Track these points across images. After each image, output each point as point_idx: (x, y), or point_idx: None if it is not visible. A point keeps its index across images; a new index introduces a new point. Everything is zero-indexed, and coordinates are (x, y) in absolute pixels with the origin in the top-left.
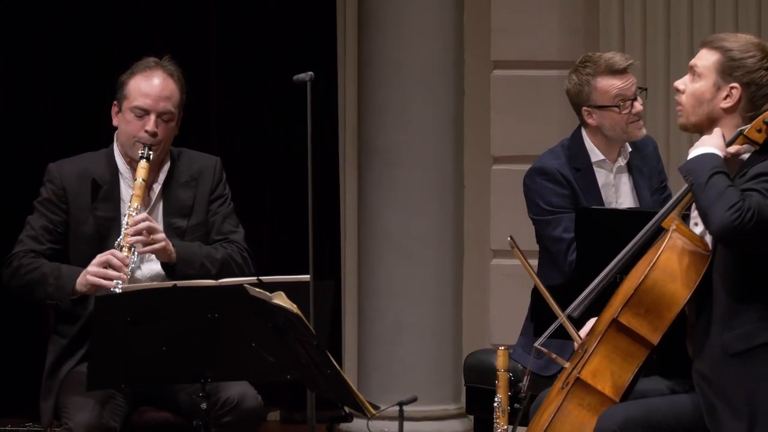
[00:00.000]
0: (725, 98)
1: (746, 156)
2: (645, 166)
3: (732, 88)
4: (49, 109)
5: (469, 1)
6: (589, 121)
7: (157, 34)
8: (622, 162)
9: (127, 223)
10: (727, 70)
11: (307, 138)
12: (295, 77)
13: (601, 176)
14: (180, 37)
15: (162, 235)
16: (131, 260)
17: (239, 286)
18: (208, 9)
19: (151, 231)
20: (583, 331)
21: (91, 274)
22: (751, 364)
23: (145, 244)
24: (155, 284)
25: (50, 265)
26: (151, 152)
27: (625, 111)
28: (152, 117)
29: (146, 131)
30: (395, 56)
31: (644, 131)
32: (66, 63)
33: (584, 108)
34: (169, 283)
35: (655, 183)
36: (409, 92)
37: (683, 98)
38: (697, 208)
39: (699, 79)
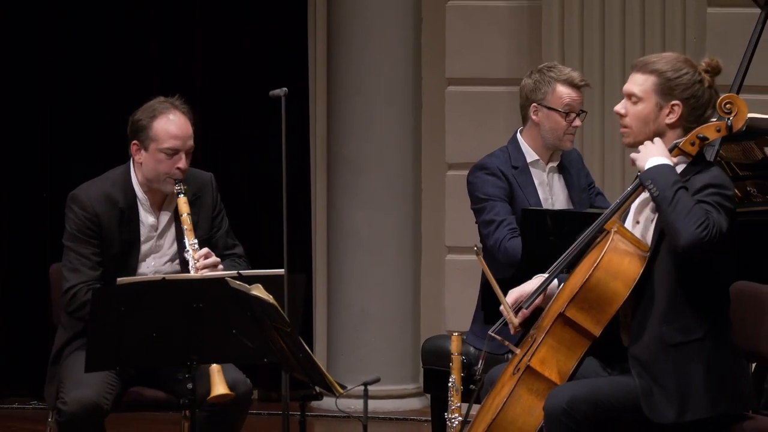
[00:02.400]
0: (668, 114)
1: (681, 166)
2: (573, 169)
3: (674, 105)
4: (49, 121)
5: (426, 25)
6: (534, 117)
7: (147, 54)
8: (554, 164)
9: (193, 257)
10: (666, 90)
11: (282, 146)
12: (271, 92)
13: (536, 175)
14: (168, 56)
15: (221, 264)
16: None
17: (221, 279)
18: (192, 32)
19: (214, 264)
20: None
21: None
22: (686, 355)
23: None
24: (146, 277)
25: None
26: (184, 186)
27: (568, 122)
28: (183, 155)
29: (179, 168)
30: (360, 74)
31: (572, 145)
32: (65, 81)
33: (534, 104)
34: (158, 277)
35: (582, 183)
36: (373, 106)
37: (627, 121)
38: (663, 220)
39: (640, 102)
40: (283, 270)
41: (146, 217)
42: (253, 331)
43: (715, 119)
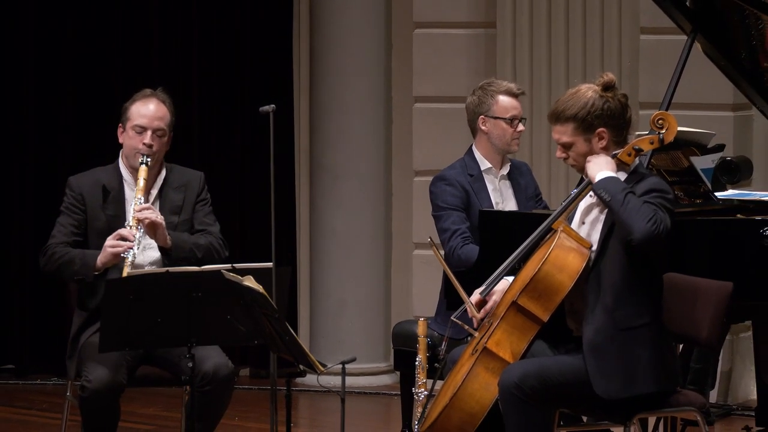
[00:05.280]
0: (599, 141)
1: (623, 175)
2: (522, 179)
3: (599, 132)
4: (69, 130)
5: (395, 50)
6: (483, 128)
7: (152, 79)
8: (504, 172)
9: (134, 209)
10: (586, 127)
11: (270, 156)
12: (261, 108)
13: (490, 181)
14: (168, 75)
15: (162, 221)
16: (137, 235)
17: (217, 272)
18: (190, 56)
19: (150, 214)
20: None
21: (108, 246)
22: (634, 338)
23: (149, 225)
24: (153, 270)
25: (76, 250)
26: (148, 159)
27: (513, 128)
28: (149, 132)
29: (144, 143)
30: (339, 92)
31: (517, 148)
32: (80, 95)
33: (482, 116)
34: (163, 270)
35: (530, 193)
36: (350, 120)
37: (571, 160)
38: (617, 219)
39: (573, 146)
40: (271, 263)
41: (131, 196)
42: (245, 317)
43: (647, 133)
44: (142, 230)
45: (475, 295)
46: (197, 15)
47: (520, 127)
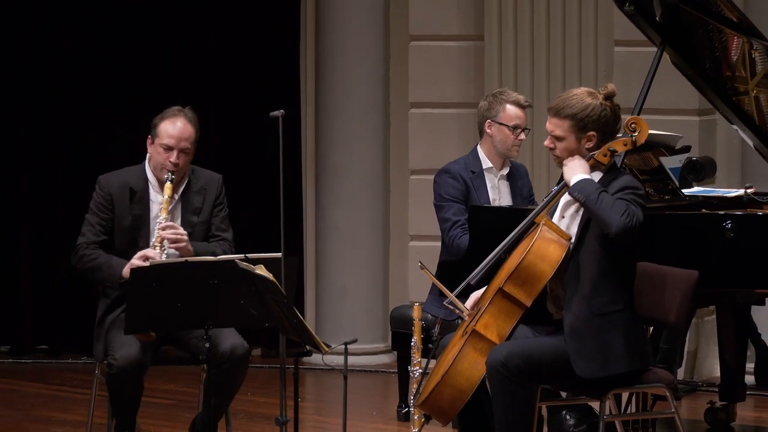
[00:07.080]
0: (587, 143)
1: (598, 175)
2: (519, 181)
3: (590, 135)
4: (96, 131)
5: (393, 60)
6: (488, 131)
7: (171, 83)
8: (504, 172)
9: (158, 228)
10: (581, 126)
11: (279, 156)
12: (271, 114)
13: (489, 179)
14: (187, 84)
15: (185, 237)
16: (162, 255)
17: (232, 261)
18: (206, 67)
19: (174, 234)
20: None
21: (134, 265)
22: (609, 322)
23: (172, 242)
24: (173, 260)
25: (105, 256)
26: (173, 176)
27: (515, 135)
28: (175, 152)
29: (170, 161)
30: (342, 99)
31: (517, 154)
32: (109, 103)
33: (488, 120)
34: (182, 259)
35: (525, 193)
36: (352, 124)
37: (558, 152)
38: (593, 217)
39: (563, 140)
40: (280, 254)
41: (156, 197)
42: (257, 302)
43: (621, 135)
44: (165, 248)
45: (471, 299)
46: (213, 31)
47: (522, 136)
